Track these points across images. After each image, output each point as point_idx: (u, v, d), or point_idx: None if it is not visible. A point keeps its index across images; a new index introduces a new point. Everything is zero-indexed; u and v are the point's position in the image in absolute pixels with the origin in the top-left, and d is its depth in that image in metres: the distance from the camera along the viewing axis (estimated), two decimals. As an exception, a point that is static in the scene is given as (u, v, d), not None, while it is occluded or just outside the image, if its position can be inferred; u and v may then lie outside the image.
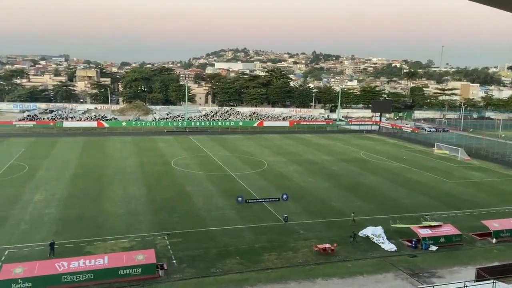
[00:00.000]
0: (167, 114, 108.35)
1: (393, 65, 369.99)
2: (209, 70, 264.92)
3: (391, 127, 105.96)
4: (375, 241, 34.87)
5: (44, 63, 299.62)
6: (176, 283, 27.38)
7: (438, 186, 53.65)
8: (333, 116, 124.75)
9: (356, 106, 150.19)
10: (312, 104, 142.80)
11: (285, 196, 45.37)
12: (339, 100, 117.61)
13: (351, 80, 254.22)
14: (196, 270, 29.08)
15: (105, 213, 39.50)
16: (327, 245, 32.92)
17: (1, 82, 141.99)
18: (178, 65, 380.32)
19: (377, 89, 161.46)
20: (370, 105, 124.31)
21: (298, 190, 49.72)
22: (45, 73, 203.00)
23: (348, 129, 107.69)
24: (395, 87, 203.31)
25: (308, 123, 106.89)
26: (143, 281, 27.19)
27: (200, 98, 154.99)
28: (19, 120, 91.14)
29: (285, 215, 39.37)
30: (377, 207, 44.11)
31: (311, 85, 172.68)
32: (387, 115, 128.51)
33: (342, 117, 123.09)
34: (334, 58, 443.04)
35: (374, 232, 35.70)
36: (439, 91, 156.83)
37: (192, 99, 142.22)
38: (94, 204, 41.70)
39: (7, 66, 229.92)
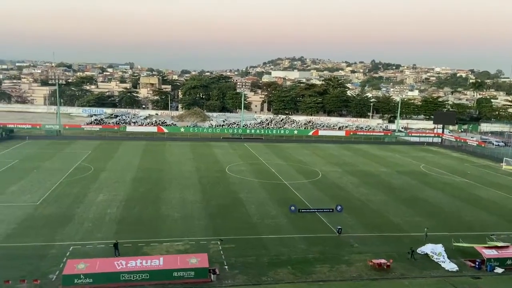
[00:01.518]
0: (223, 121, 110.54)
1: (458, 75, 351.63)
2: (265, 79, 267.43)
3: (454, 139, 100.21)
4: (435, 260, 32.96)
5: (111, 71, 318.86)
6: (227, 289, 27.57)
7: (506, 204, 49.77)
8: (392, 126, 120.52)
9: (416, 117, 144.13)
10: (370, 114, 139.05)
11: (339, 207, 44.30)
12: (399, 110, 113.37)
13: (411, 90, 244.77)
14: (247, 277, 29.12)
15: (162, 215, 40.85)
16: (383, 261, 31.60)
17: (73, 88, 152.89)
18: (236, 73, 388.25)
19: (440, 99, 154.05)
20: (432, 116, 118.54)
21: (353, 201, 48.36)
22: (111, 80, 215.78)
23: (407, 141, 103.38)
24: (459, 98, 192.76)
25: (365, 133, 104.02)
26: (196, 284, 27.65)
27: (256, 106, 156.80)
28: (87, 124, 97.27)
29: (339, 227, 38.39)
30: (437, 224, 41.70)
31: (369, 95, 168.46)
32: (451, 127, 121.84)
33: (402, 128, 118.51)
34: (394, 67, 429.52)
35: (434, 250, 33.76)
36: (509, 103, 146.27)
37: (248, 107, 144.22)
38: (152, 207, 43.30)
39: (78, 73, 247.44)
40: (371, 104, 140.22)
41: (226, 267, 30.43)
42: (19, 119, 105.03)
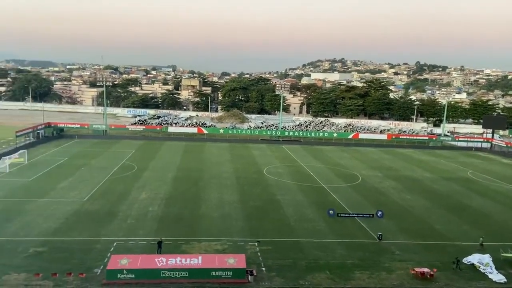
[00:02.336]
0: (262, 123, 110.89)
1: (509, 77, 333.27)
2: (304, 81, 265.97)
3: (505, 145, 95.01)
4: (482, 270, 31.38)
5: (155, 73, 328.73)
6: (264, 290, 27.56)
7: None
8: (437, 130, 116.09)
9: (464, 121, 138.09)
10: (414, 117, 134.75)
11: (380, 212, 43.17)
12: (445, 114, 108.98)
13: (459, 93, 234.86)
14: (285, 280, 28.97)
15: (201, 215, 41.52)
16: (426, 269, 30.44)
17: (119, 90, 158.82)
18: (275, 75, 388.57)
19: (490, 103, 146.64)
20: (481, 121, 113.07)
21: (395, 207, 46.97)
22: (155, 82, 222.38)
23: (454, 146, 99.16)
24: (511, 102, 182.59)
25: (408, 137, 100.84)
26: (233, 284, 27.85)
27: (294, 108, 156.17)
28: (131, 124, 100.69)
29: (380, 233, 37.40)
30: (485, 233, 39.61)
31: (413, 97, 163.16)
32: (501, 132, 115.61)
33: (448, 132, 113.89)
34: (440, 69, 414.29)
35: (481, 260, 32.16)
36: None
37: (286, 109, 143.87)
38: (191, 206, 44.12)
39: (124, 76, 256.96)
40: (415, 107, 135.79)
41: (264, 268, 30.43)
42: (68, 119, 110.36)
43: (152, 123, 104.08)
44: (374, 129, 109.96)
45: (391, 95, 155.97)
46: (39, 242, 33.17)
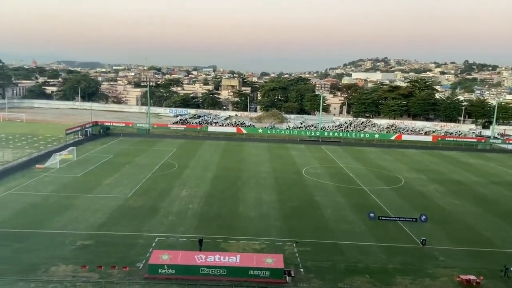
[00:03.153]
0: (301, 123, 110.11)
1: None
2: (345, 80, 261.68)
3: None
4: (535, 281, 29.51)
5: (196, 73, 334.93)
6: (302, 292, 27.36)
7: None
8: (487, 133, 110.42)
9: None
10: (461, 118, 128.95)
11: (423, 217, 41.69)
12: (495, 115, 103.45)
13: (510, 93, 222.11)
14: (323, 282, 28.62)
15: (239, 214, 41.86)
16: (472, 277, 29.07)
17: (161, 90, 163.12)
18: (315, 75, 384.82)
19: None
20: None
21: (440, 212, 45.19)
22: (196, 82, 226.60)
23: (505, 149, 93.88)
24: None
25: (455, 139, 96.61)
26: (271, 284, 27.84)
27: (334, 109, 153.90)
28: (173, 123, 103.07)
29: (423, 238, 36.11)
30: (539, 242, 37.31)
31: (460, 98, 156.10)
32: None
33: (497, 134, 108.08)
34: (490, 68, 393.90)
35: (533, 270, 30.26)
36: None
37: (326, 109, 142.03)
38: (230, 205, 44.58)
39: (166, 76, 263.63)
40: (463, 107, 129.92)
41: (302, 270, 30.22)
42: (114, 117, 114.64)
43: (192, 123, 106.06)
44: (419, 131, 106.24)
45: (437, 95, 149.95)
46: (86, 235, 34.72)
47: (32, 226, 36.07)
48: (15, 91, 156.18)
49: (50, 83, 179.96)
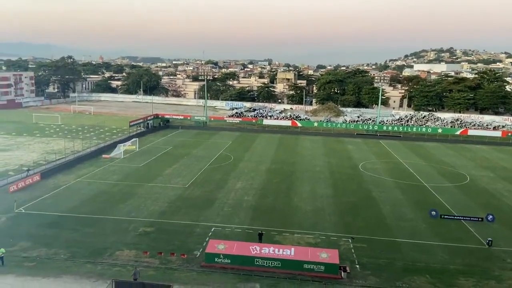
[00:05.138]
0: (358, 117, 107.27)
1: None
2: (406, 72, 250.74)
3: None
4: None
5: (251, 67, 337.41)
6: (357, 288, 26.86)
7: None
8: None
9: None
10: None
11: (490, 216, 39.12)
12: None
13: None
14: (380, 280, 27.89)
15: (293, 207, 41.82)
16: (546, 285, 26.88)
17: (218, 83, 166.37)
18: (373, 67, 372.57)
19: None
20: None
21: (508, 211, 42.17)
22: (251, 76, 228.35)
23: None
24: None
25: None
26: (326, 279, 27.59)
27: (394, 102, 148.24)
28: (229, 116, 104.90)
29: (490, 239, 33.94)
30: None
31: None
32: None
33: None
34: None
35: None
36: None
37: (385, 102, 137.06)
38: (284, 198, 44.67)
39: (223, 70, 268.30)
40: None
41: (357, 266, 29.65)
42: (173, 110, 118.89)
43: (248, 116, 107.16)
44: (487, 125, 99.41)
45: (508, 88, 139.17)
46: (148, 222, 36.50)
47: (99, 212, 38.56)
48: (84, 85, 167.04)
49: (115, 77, 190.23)
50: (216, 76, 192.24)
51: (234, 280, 27.23)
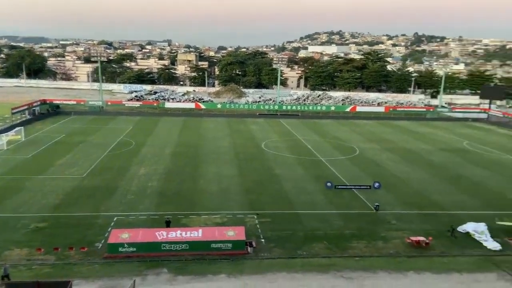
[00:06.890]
0: (259, 98, 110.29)
1: (507, 46, 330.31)
2: (302, 54, 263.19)
3: (502, 115, 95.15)
4: (477, 238, 32.04)
5: (150, 48, 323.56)
6: (264, 261, 28.11)
7: (558, 184, 47.10)
8: (434, 102, 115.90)
9: (461, 92, 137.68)
10: (411, 89, 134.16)
11: (377, 184, 43.63)
12: (442, 85, 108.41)
13: (457, 64, 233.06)
14: (283, 250, 29.55)
15: (199, 189, 41.85)
16: (421, 238, 31.06)
17: (114, 65, 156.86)
18: (272, 49, 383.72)
19: (487, 73, 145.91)
20: (478, 91, 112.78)
21: (392, 179, 47.44)
22: (150, 57, 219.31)
23: (451, 117, 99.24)
24: (509, 72, 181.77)
25: (405, 109, 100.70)
26: (233, 256, 28.37)
27: (292, 82, 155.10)
28: (128, 100, 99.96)
29: (377, 204, 37.94)
30: (482, 203, 40.29)
31: (410, 69, 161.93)
32: (498, 103, 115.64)
33: (445, 103, 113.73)
34: (438, 40, 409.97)
35: (476, 229, 32.80)
36: None
37: (284, 83, 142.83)
38: (190, 181, 44.42)
39: (118, 51, 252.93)
40: (413, 79, 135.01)
41: (263, 240, 30.96)
42: (64, 95, 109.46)
43: (148, 99, 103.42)
44: (372, 102, 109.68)
45: (389, 67, 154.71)
46: (40, 217, 33.52)
47: (-20, 211, 34.27)
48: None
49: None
50: (111, 58, 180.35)
51: (141, 268, 26.55)
